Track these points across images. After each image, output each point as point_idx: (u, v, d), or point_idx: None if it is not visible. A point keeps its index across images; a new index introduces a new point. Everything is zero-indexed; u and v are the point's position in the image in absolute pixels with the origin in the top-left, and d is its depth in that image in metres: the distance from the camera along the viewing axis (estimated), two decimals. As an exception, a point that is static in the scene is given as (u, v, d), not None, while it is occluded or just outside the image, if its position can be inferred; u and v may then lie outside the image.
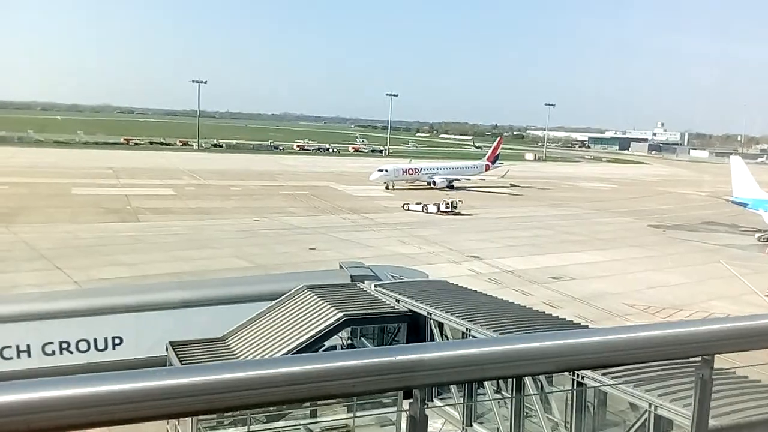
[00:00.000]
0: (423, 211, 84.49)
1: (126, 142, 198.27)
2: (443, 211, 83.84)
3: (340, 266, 33.12)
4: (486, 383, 19.33)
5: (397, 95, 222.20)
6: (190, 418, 18.46)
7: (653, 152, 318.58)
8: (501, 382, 19.30)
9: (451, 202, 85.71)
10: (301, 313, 24.27)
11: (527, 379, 18.14)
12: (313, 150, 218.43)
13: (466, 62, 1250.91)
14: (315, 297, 25.10)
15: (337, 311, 23.40)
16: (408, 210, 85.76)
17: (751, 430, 5.01)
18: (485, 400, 21.10)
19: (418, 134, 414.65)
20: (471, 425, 20.75)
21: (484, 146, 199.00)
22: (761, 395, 15.40)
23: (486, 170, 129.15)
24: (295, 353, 21.45)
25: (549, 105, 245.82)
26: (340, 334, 24.03)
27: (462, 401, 21.14)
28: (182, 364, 20.54)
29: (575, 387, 17.19)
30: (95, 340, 26.36)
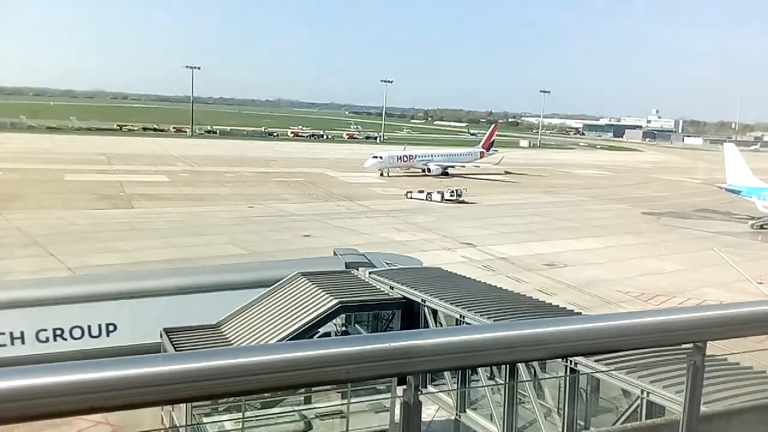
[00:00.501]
0: (427, 199, 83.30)
1: (119, 128, 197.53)
2: (448, 199, 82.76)
3: (335, 253, 33.09)
4: (480, 370, 19.40)
5: (391, 81, 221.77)
6: (184, 405, 18.47)
7: (647, 139, 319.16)
8: (494, 368, 19.39)
9: (456, 190, 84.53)
10: (295, 299, 24.26)
11: (521, 366, 18.22)
12: (307, 136, 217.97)
13: (461, 49, 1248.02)
14: (309, 284, 25.08)
15: (331, 298, 23.39)
16: (411, 198, 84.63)
17: (741, 416, 5.04)
18: (479, 387, 21.18)
19: (412, 121, 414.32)
20: (465, 411, 20.84)
21: (479, 133, 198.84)
22: (752, 381, 15.51)
23: (481, 157, 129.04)
24: (289, 340, 21.48)
25: (544, 92, 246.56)
26: (334, 321, 24.05)
27: (456, 388, 21.22)
28: (176, 350, 20.57)
29: (568, 373, 17.27)
30: (89, 327, 26.30)
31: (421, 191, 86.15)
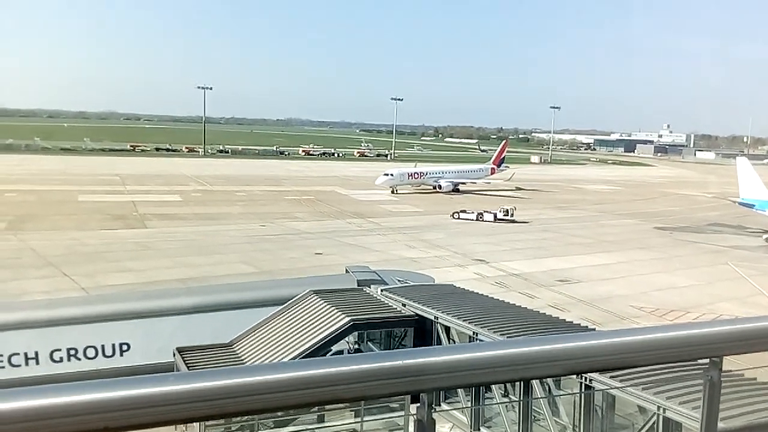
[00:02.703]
0: (477, 219, 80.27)
1: (132, 148, 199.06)
2: (500, 219, 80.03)
3: (347, 271, 33.10)
4: (493, 387, 19.27)
5: (402, 99, 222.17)
6: (197, 424, 18.45)
7: (659, 154, 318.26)
8: (508, 385, 19.25)
9: (508, 210, 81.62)
10: (307, 318, 24.26)
11: (535, 383, 18.09)
12: (318, 155, 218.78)
13: (471, 66, 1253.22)
14: (322, 302, 25.09)
15: (343, 316, 23.38)
16: (459, 218, 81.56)
17: (760, 432, 4.98)
18: (493, 404, 21.04)
19: (423, 138, 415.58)
20: (479, 429, 20.69)
21: (490, 149, 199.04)
22: (770, 397, 15.31)
23: (491, 173, 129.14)
24: (302, 358, 21.42)
25: (554, 108, 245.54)
26: (346, 338, 24.02)
27: (469, 405, 21.08)
28: (189, 369, 20.55)
29: (583, 390, 17.13)
30: (103, 347, 26.40)
31: (464, 211, 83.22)
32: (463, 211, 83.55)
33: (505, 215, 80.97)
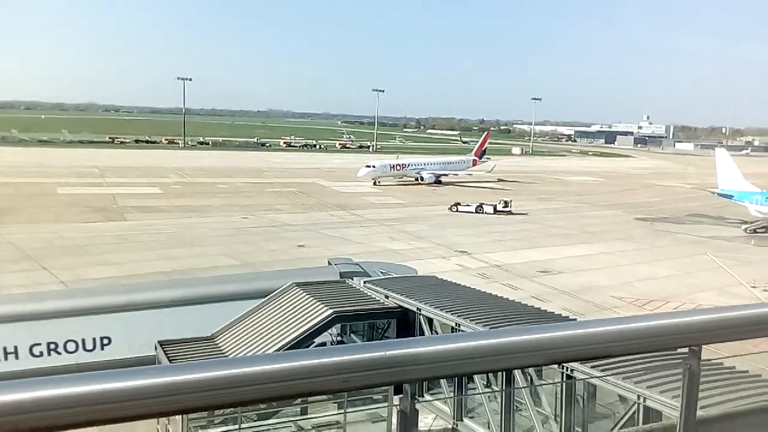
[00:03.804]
0: (477, 212, 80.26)
1: (111, 140, 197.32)
2: (500, 211, 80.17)
3: (329, 263, 33.08)
4: (476, 377, 19.35)
5: (383, 91, 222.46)
6: (180, 417, 18.39)
7: (639, 145, 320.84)
8: (491, 376, 19.35)
9: (508, 202, 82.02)
10: (290, 310, 24.21)
11: (517, 373, 18.20)
12: (299, 146, 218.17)
13: (453, 58, 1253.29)
14: (304, 294, 25.04)
15: (326, 308, 23.35)
16: (458, 211, 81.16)
17: (738, 420, 5.04)
18: (475, 394, 21.14)
19: (405, 130, 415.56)
20: (461, 420, 20.78)
21: (471, 141, 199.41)
22: (748, 385, 15.52)
23: (473, 165, 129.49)
24: (284, 350, 21.41)
25: (535, 99, 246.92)
26: (329, 330, 23.99)
27: (452, 395, 21.17)
28: (171, 363, 20.46)
29: (564, 380, 17.26)
30: (83, 341, 26.20)
31: (460, 203, 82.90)
32: (459, 204, 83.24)
33: (504, 207, 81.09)
